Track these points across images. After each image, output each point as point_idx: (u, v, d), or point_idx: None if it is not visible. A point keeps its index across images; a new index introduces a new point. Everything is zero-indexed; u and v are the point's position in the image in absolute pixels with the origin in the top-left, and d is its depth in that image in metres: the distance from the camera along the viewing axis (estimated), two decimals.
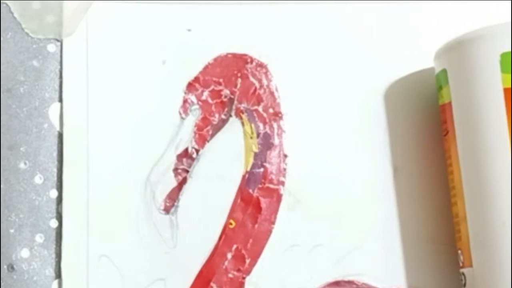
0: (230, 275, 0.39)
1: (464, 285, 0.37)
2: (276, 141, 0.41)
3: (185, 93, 0.41)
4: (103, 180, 0.40)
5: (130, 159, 0.40)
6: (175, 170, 0.40)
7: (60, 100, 0.41)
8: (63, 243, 0.39)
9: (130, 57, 0.41)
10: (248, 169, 0.40)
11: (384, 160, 0.41)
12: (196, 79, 0.41)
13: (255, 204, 0.40)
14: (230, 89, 0.41)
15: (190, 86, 0.41)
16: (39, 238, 0.39)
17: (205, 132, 0.40)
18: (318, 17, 0.42)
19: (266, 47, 0.42)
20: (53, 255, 0.39)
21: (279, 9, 0.42)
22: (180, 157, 0.40)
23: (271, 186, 0.40)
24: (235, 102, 0.41)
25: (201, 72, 0.41)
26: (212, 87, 0.41)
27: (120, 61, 0.41)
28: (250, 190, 0.40)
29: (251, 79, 0.41)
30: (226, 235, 0.39)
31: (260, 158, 0.40)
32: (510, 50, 0.36)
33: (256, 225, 0.40)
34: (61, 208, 0.40)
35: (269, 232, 0.40)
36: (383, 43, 0.42)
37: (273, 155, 0.40)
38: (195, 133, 0.40)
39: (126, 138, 0.40)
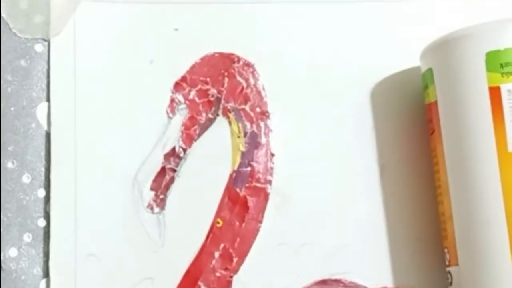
0: (218, 274, 0.39)
1: (451, 283, 0.37)
2: (263, 140, 0.41)
3: (172, 92, 0.41)
4: (91, 180, 0.40)
5: (117, 159, 0.40)
6: (163, 169, 0.40)
7: (48, 99, 0.41)
8: (51, 242, 0.39)
9: (118, 56, 0.41)
10: (235, 168, 0.40)
11: (371, 159, 0.41)
12: (183, 78, 0.41)
13: (242, 203, 0.40)
14: (217, 88, 0.41)
15: (177, 86, 0.41)
16: (27, 237, 0.39)
17: (192, 131, 0.41)
18: (305, 17, 0.42)
19: (253, 46, 0.42)
20: (41, 254, 0.39)
21: (265, 8, 0.42)
22: (167, 156, 0.40)
23: (258, 185, 0.40)
24: (222, 101, 0.41)
25: (188, 72, 0.41)
26: (199, 86, 0.41)
27: (107, 60, 0.41)
28: (238, 189, 0.40)
29: (238, 78, 0.41)
30: (213, 234, 0.39)
31: (247, 157, 0.40)
32: (495, 49, 0.36)
33: (244, 224, 0.40)
34: (49, 207, 0.40)
35: (256, 231, 0.40)
36: (369, 42, 0.42)
37: (260, 154, 0.40)
38: (182, 132, 0.40)
39: (113, 137, 0.40)
